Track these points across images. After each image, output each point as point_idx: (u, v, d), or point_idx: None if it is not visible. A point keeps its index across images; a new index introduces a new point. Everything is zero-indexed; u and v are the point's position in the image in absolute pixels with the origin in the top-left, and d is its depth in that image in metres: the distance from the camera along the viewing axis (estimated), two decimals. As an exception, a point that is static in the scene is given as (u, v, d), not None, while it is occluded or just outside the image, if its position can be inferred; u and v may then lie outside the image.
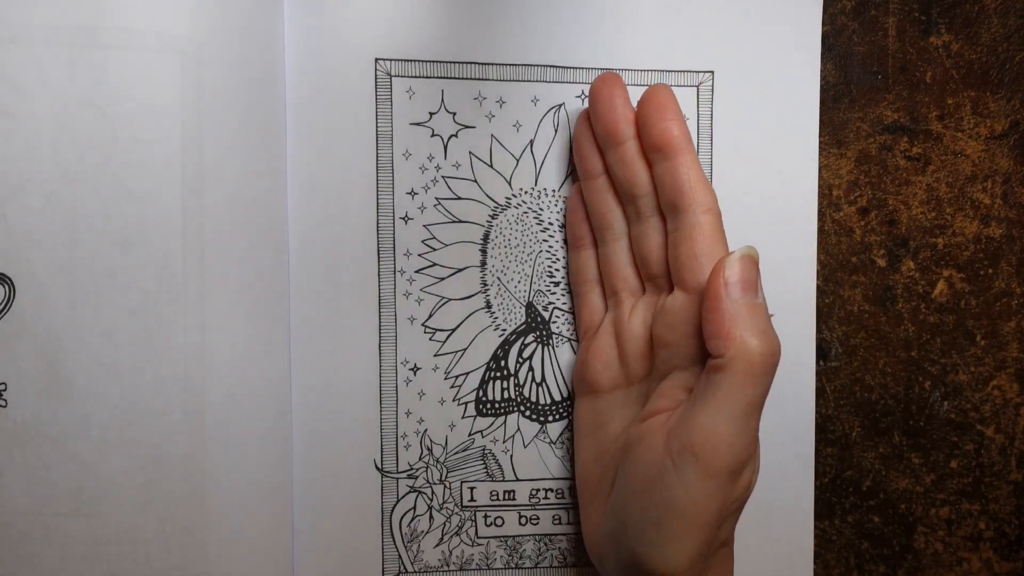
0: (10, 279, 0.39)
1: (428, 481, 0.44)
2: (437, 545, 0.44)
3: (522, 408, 0.44)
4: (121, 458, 0.39)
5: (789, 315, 0.44)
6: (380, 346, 0.43)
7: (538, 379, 0.44)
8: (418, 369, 0.43)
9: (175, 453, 0.40)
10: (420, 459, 0.43)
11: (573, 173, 0.43)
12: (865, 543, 0.46)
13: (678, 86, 0.43)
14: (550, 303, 0.43)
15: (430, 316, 0.43)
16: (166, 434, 0.40)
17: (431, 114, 0.42)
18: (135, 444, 0.39)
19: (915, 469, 0.46)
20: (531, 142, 0.43)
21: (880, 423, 0.46)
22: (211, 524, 0.40)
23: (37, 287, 0.39)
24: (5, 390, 0.39)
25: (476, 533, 0.44)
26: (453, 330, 0.43)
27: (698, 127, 0.43)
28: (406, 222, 0.42)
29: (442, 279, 0.43)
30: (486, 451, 0.44)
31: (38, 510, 0.39)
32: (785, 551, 0.45)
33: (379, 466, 0.43)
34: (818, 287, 0.45)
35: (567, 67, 0.43)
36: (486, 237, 0.43)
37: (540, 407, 0.44)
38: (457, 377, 0.43)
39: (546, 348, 0.44)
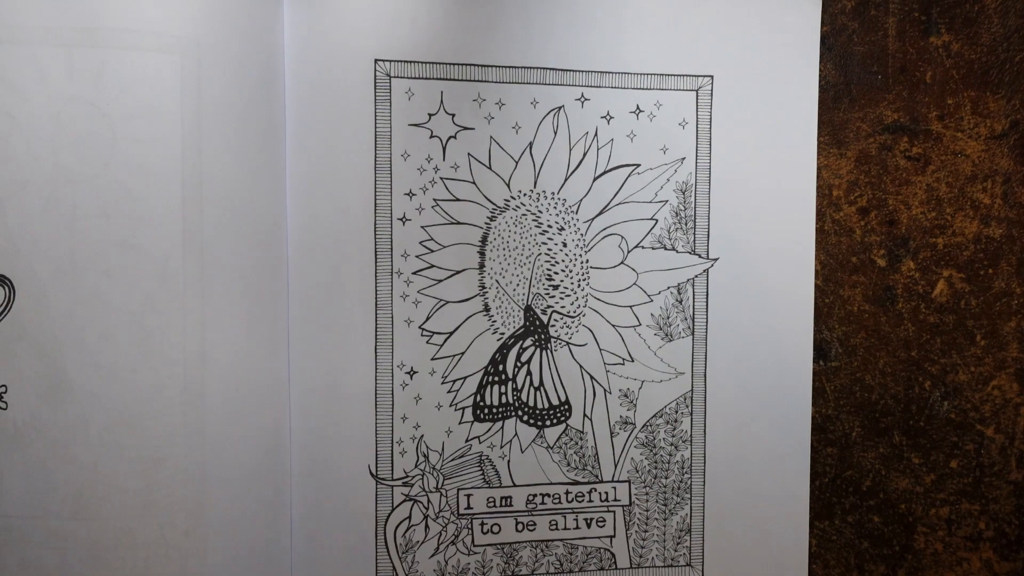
0: (10, 281, 0.39)
1: (424, 489, 0.43)
2: (433, 555, 0.44)
3: (519, 413, 0.44)
4: (120, 461, 0.40)
5: (788, 315, 0.44)
6: (376, 348, 0.43)
7: (536, 383, 0.44)
8: (415, 373, 0.43)
9: (174, 456, 0.40)
10: (416, 466, 0.43)
11: (572, 175, 0.43)
12: (865, 543, 0.46)
13: (678, 90, 0.43)
14: (549, 306, 0.43)
15: (427, 319, 0.43)
16: (165, 436, 0.40)
17: (430, 115, 0.42)
18: (134, 447, 0.40)
19: (915, 469, 0.46)
20: (530, 144, 0.43)
21: (880, 423, 0.46)
22: (210, 529, 0.40)
23: (37, 288, 0.39)
24: (5, 392, 0.39)
25: (472, 541, 0.44)
26: (451, 333, 0.43)
27: (697, 131, 0.43)
28: (404, 223, 0.42)
29: (440, 281, 0.43)
30: (483, 457, 0.44)
31: (38, 513, 0.40)
32: (781, 550, 0.45)
33: (374, 473, 0.43)
34: (818, 287, 0.45)
35: (567, 70, 0.42)
36: (484, 239, 0.43)
37: (538, 412, 0.44)
38: (455, 381, 0.43)
39: (544, 352, 0.44)
